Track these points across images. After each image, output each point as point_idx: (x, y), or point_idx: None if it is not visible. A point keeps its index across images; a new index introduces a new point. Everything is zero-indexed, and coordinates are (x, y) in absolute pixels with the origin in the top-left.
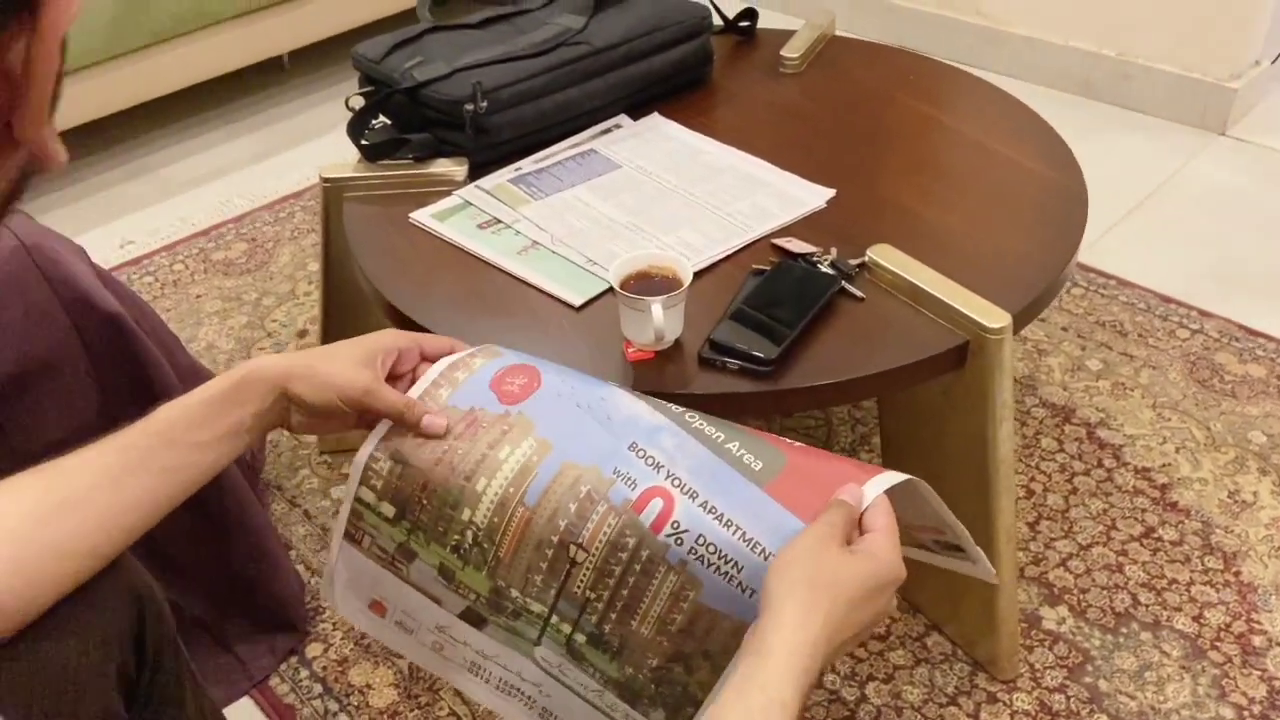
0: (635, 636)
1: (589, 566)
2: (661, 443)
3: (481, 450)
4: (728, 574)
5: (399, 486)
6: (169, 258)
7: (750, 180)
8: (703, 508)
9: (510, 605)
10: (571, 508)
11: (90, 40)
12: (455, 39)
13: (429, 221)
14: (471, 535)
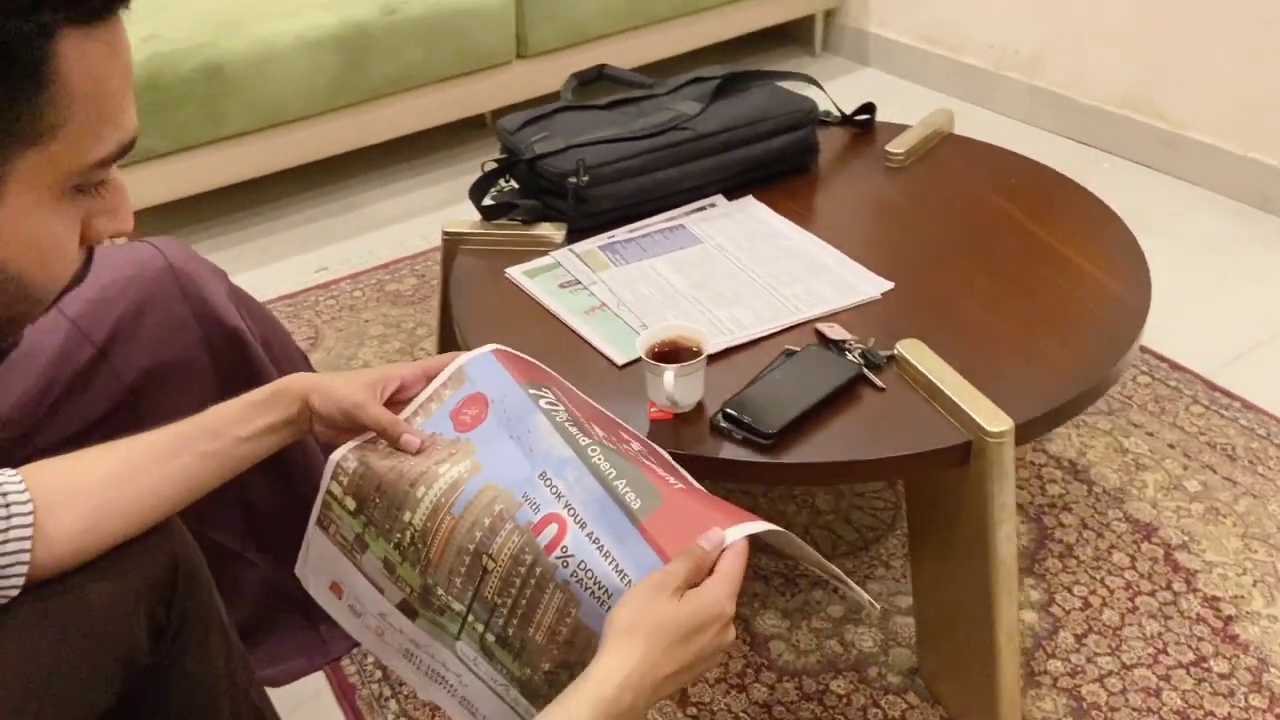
0: (531, 642)
1: (497, 575)
2: (565, 475)
3: (428, 465)
4: (599, 598)
5: (360, 485)
6: (351, 285)
7: (814, 265)
8: (588, 537)
9: (436, 602)
10: (486, 521)
11: (314, 94)
12: (582, 118)
13: (519, 277)
14: (410, 535)
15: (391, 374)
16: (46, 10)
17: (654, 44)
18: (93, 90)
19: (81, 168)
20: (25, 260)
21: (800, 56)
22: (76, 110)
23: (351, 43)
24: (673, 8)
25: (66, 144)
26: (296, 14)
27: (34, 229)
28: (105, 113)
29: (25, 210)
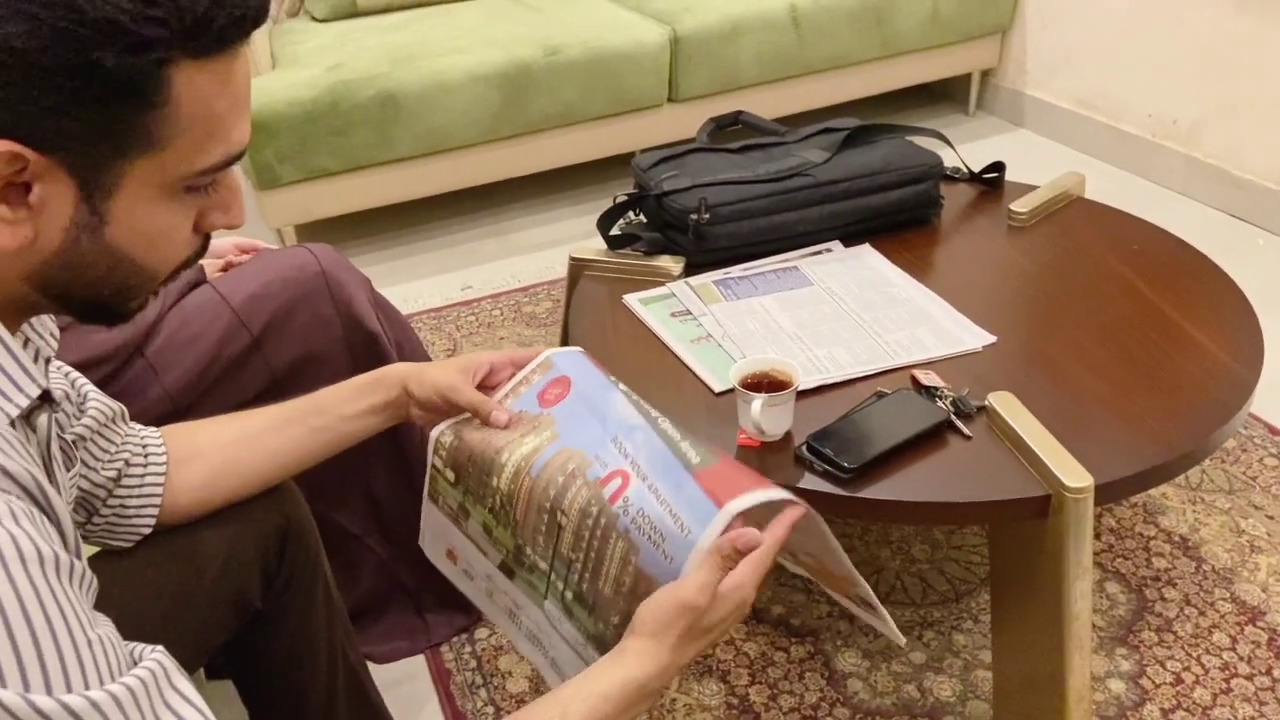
0: (601, 595)
1: (569, 529)
2: (634, 438)
3: (513, 436)
4: (656, 542)
5: (456, 457)
6: (492, 304)
7: (920, 315)
8: (649, 488)
9: (527, 560)
10: (560, 480)
11: (477, 126)
12: (711, 159)
13: (635, 304)
14: (498, 499)
15: (481, 359)
16: (159, 48)
17: (805, 95)
18: (201, 112)
19: (188, 174)
20: (135, 245)
21: (953, 114)
22: (186, 127)
23: (514, 80)
24: (826, 60)
25: (176, 153)
26: (467, 51)
27: (144, 220)
28: (212, 131)
29: (137, 204)
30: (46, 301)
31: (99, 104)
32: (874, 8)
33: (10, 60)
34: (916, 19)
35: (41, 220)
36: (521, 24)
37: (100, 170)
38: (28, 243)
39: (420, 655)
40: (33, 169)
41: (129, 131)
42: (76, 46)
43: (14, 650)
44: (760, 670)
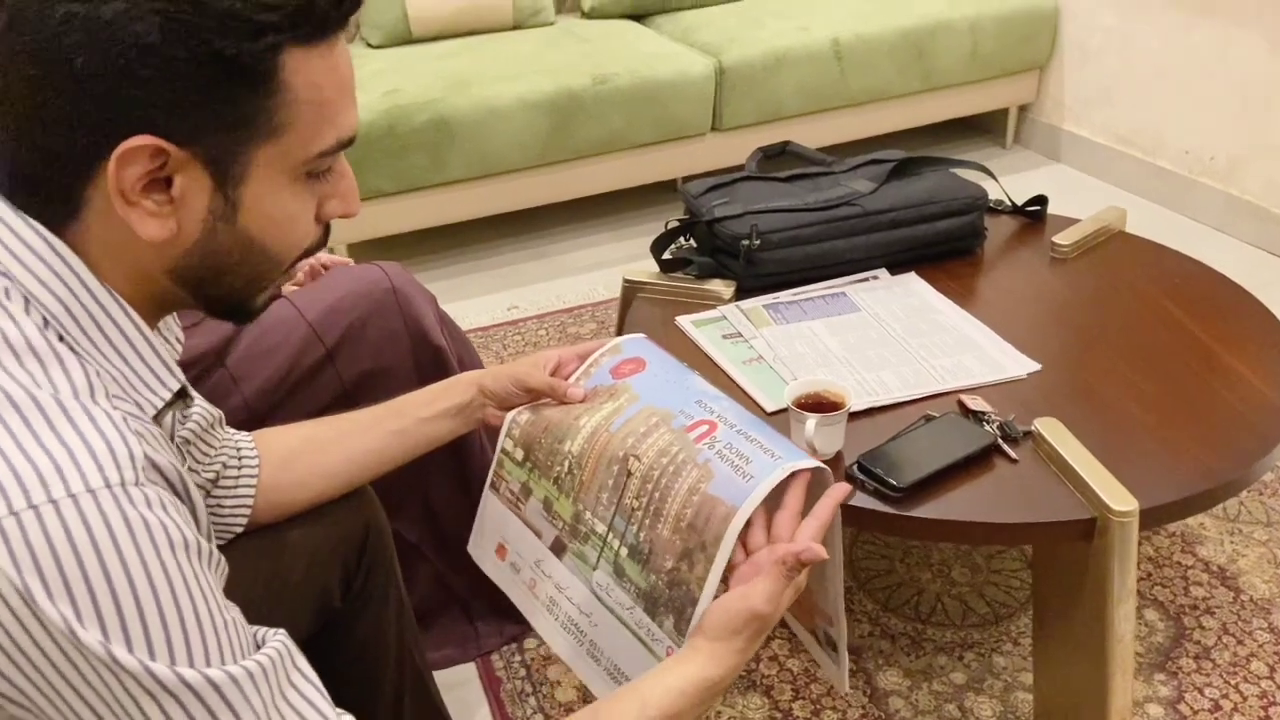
0: (659, 540)
1: (638, 475)
2: (721, 402)
3: (592, 404)
4: (738, 466)
5: (529, 432)
6: (537, 324)
7: (965, 341)
8: (739, 433)
9: (583, 528)
10: (641, 430)
11: (527, 151)
12: (761, 187)
13: (688, 326)
14: (568, 464)
15: (550, 354)
16: (271, 33)
17: (845, 126)
18: (314, 97)
19: (308, 158)
20: (266, 231)
21: (990, 147)
22: (301, 112)
23: (563, 107)
24: (866, 93)
25: (294, 138)
26: (518, 79)
27: (272, 206)
28: (324, 115)
29: (265, 191)
30: (185, 294)
31: (224, 93)
32: (915, 43)
33: (143, 58)
34: (956, 54)
35: (183, 212)
36: (571, 53)
37: (230, 159)
38: (172, 235)
39: (471, 664)
40: (172, 162)
41: (252, 119)
42: (201, 38)
43: (163, 627)
44: (804, 686)
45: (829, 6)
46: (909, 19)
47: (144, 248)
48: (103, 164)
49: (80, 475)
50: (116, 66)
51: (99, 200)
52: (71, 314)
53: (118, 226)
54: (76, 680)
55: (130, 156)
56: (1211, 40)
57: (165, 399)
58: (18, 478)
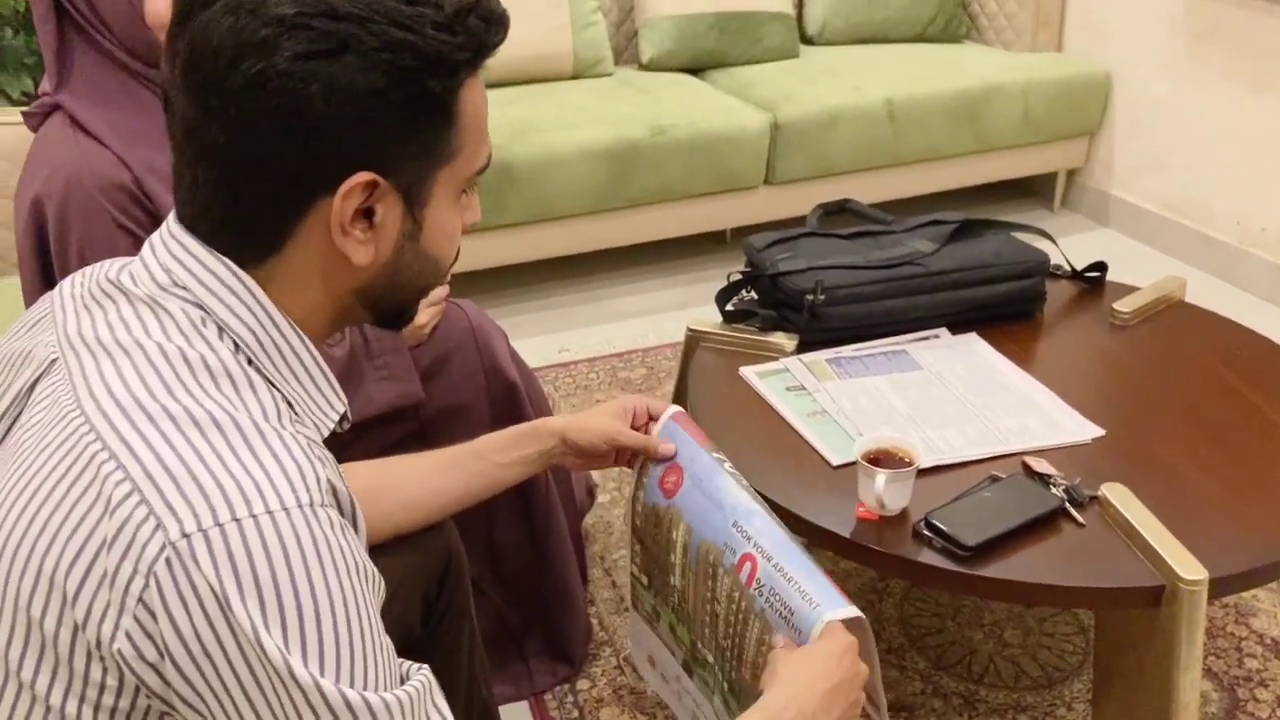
0: (744, 684)
1: (721, 618)
2: (754, 522)
3: (667, 536)
4: (786, 618)
5: (646, 563)
6: (588, 367)
7: (1028, 404)
8: (775, 568)
9: (700, 655)
10: (707, 570)
11: (583, 197)
12: (824, 244)
13: (752, 377)
14: (677, 597)
15: (624, 403)
16: (465, 69)
17: (896, 184)
18: (476, 120)
19: (469, 176)
20: (439, 245)
21: (1038, 210)
22: (469, 135)
23: (621, 157)
24: (918, 152)
25: (463, 160)
26: (579, 128)
27: (445, 222)
28: (481, 137)
29: (440, 209)
30: (362, 310)
31: (427, 126)
32: (968, 105)
33: (372, 102)
34: (1008, 118)
35: (381, 237)
36: (630, 104)
37: (420, 185)
38: (373, 259)
39: (525, 701)
40: (380, 195)
41: (440, 146)
42: (417, 80)
43: (335, 645)
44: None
45: (882, 67)
46: (962, 81)
47: (340, 273)
48: (321, 201)
49: (277, 494)
50: (349, 113)
51: (304, 234)
52: (259, 341)
53: (318, 258)
54: (251, 686)
55: (352, 191)
56: (1264, 113)
57: (335, 420)
58: (223, 493)
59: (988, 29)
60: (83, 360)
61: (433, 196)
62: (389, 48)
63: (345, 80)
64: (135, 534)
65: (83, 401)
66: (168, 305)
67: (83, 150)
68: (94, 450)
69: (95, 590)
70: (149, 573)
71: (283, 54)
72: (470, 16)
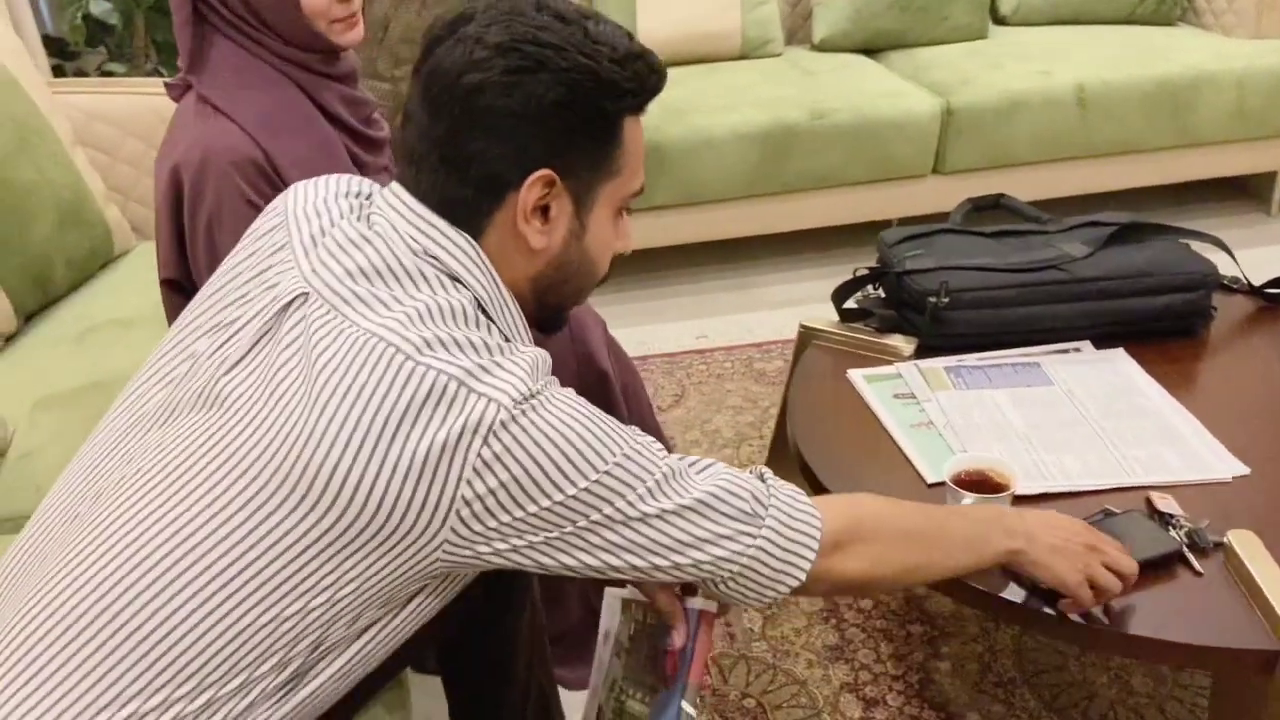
0: None
1: None
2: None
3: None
4: None
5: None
6: (725, 355)
7: (1167, 432)
8: None
9: None
10: None
11: (735, 181)
12: (962, 242)
13: (859, 380)
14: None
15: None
16: (629, 98)
17: (1083, 178)
18: (635, 151)
19: (626, 196)
20: (598, 250)
21: (1252, 214)
22: (628, 162)
23: (777, 140)
24: (1111, 144)
25: (623, 180)
26: (734, 110)
27: (604, 232)
28: (636, 168)
29: (601, 218)
30: (532, 301)
31: (596, 139)
32: (1171, 94)
33: (557, 112)
34: (1218, 109)
35: (553, 230)
36: (793, 86)
37: (588, 191)
38: (546, 247)
39: None
40: (554, 191)
41: (606, 161)
42: (593, 99)
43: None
44: None
45: (1078, 50)
46: (1167, 67)
47: (522, 258)
48: (511, 192)
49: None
50: (539, 119)
51: (499, 219)
52: (491, 300)
53: (507, 240)
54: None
55: (535, 184)
56: None
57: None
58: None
59: (1205, 11)
60: (353, 304)
61: (596, 205)
62: (575, 69)
63: (539, 92)
64: (472, 412)
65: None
66: (424, 271)
67: (218, 126)
68: (412, 367)
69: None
70: (487, 435)
71: (495, 69)
72: (639, 61)
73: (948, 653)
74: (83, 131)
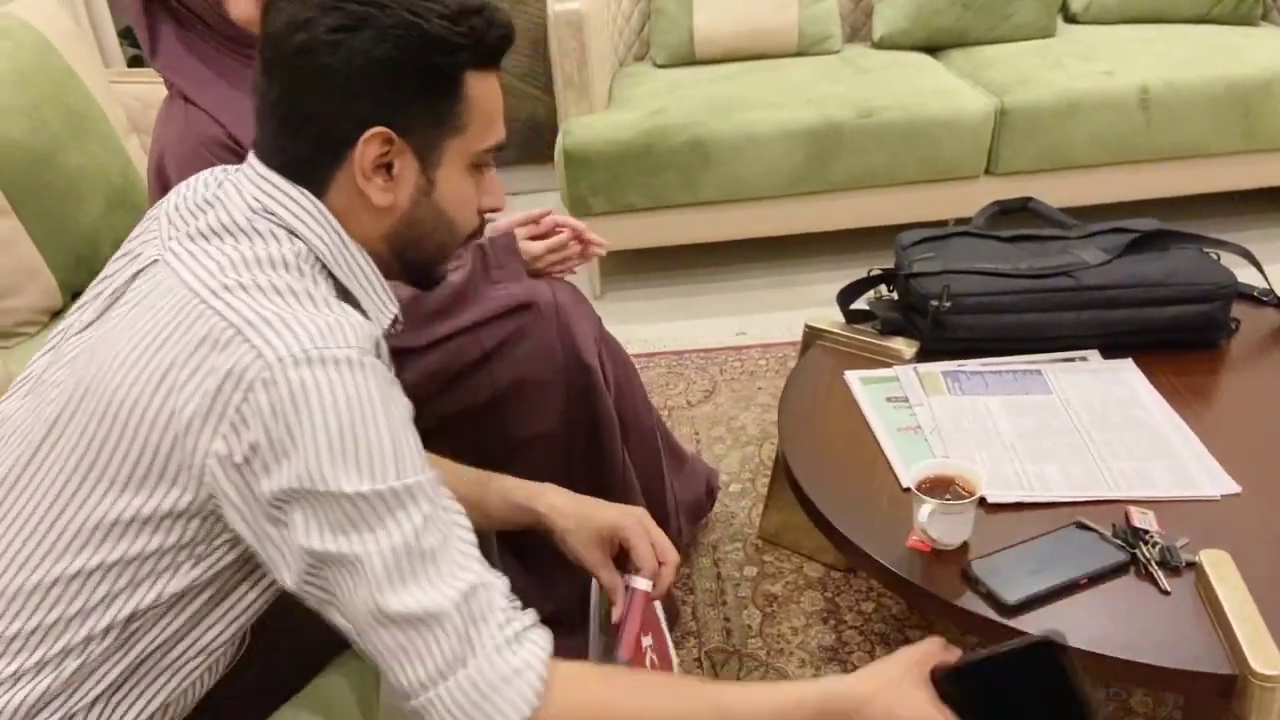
0: None
1: None
2: None
3: None
4: None
5: None
6: (760, 353)
7: (1160, 446)
8: None
9: None
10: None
11: (780, 179)
12: (976, 245)
13: (854, 382)
14: None
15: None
16: (463, 53)
17: (1144, 182)
18: (485, 108)
19: (478, 151)
20: (453, 206)
21: None
22: (476, 117)
23: (824, 138)
24: (1175, 148)
25: (473, 135)
26: (781, 107)
27: (458, 188)
28: (489, 123)
29: (452, 174)
30: (393, 259)
31: (434, 95)
32: (1242, 98)
33: (382, 69)
34: None
35: (399, 188)
36: (844, 84)
37: (432, 148)
38: (392, 204)
39: None
40: (395, 149)
41: (449, 117)
42: (421, 54)
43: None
44: None
45: (1146, 50)
46: (1239, 69)
47: (370, 216)
48: (349, 150)
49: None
50: (368, 76)
51: (341, 178)
52: (332, 252)
53: (352, 198)
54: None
55: (371, 141)
56: None
57: (390, 319)
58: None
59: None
60: (182, 258)
61: (444, 161)
62: (399, 25)
63: (364, 48)
64: (238, 361)
65: (188, 282)
66: (258, 226)
67: (188, 114)
68: (200, 309)
69: (203, 406)
70: (248, 388)
71: (320, 28)
72: (475, 16)
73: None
74: (139, 119)
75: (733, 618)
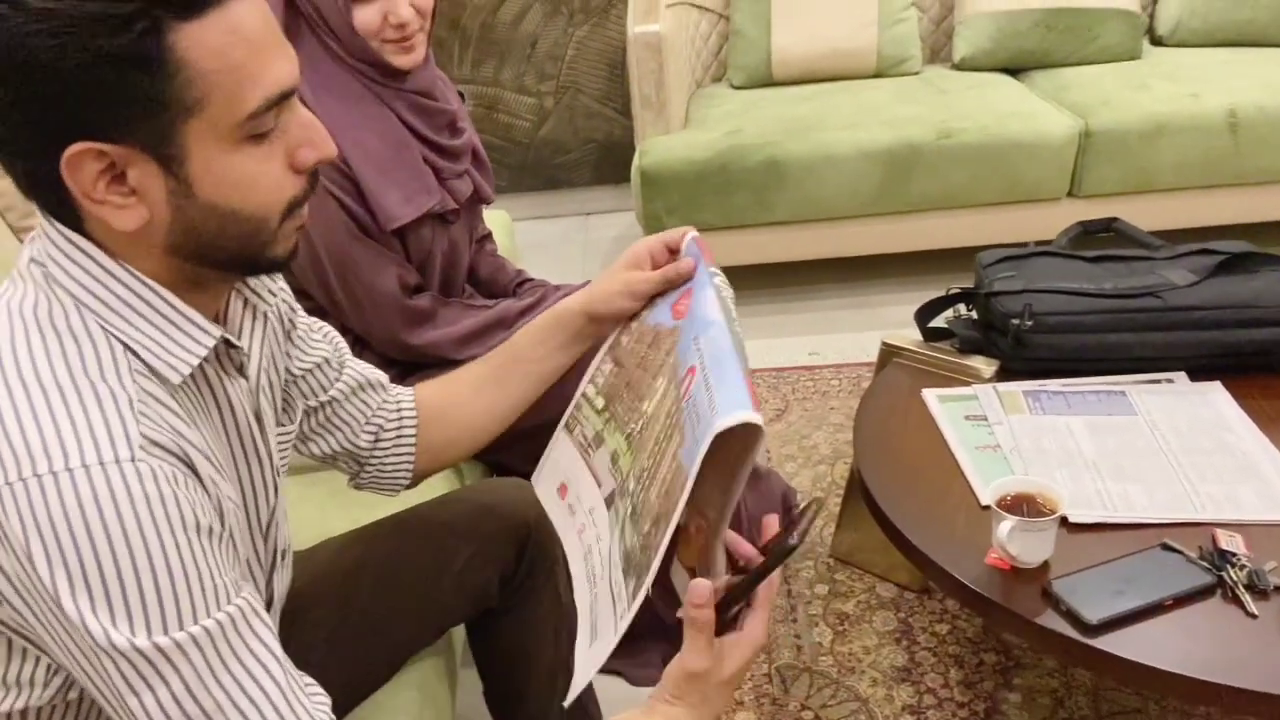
0: (648, 503)
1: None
2: (710, 333)
3: (662, 357)
4: (694, 427)
5: (613, 384)
6: (833, 373)
7: (1250, 470)
8: (704, 379)
9: (631, 485)
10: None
11: (856, 199)
12: (1060, 265)
13: (932, 399)
14: (641, 423)
15: (640, 250)
16: (141, 19)
17: (1231, 207)
18: (220, 65)
19: (238, 122)
20: (228, 197)
21: None
22: (213, 84)
23: (901, 159)
24: (1265, 173)
25: (216, 109)
26: (858, 127)
27: (224, 173)
28: (240, 79)
29: (210, 162)
30: (196, 266)
31: (127, 85)
32: None
33: (45, 76)
34: None
35: (147, 199)
36: (923, 105)
37: (164, 143)
38: (146, 221)
39: None
40: (117, 160)
41: (164, 102)
42: (82, 43)
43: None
44: None
45: (1234, 73)
46: None
47: (133, 240)
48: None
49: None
50: (29, 91)
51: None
52: (98, 297)
53: (106, 226)
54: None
55: (75, 162)
56: None
57: (201, 355)
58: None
59: None
60: None
61: (190, 154)
62: (40, 19)
63: (12, 62)
64: None
65: None
66: (26, 278)
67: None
68: None
69: None
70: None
71: None
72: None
73: (1020, 684)
74: None
75: (803, 634)
